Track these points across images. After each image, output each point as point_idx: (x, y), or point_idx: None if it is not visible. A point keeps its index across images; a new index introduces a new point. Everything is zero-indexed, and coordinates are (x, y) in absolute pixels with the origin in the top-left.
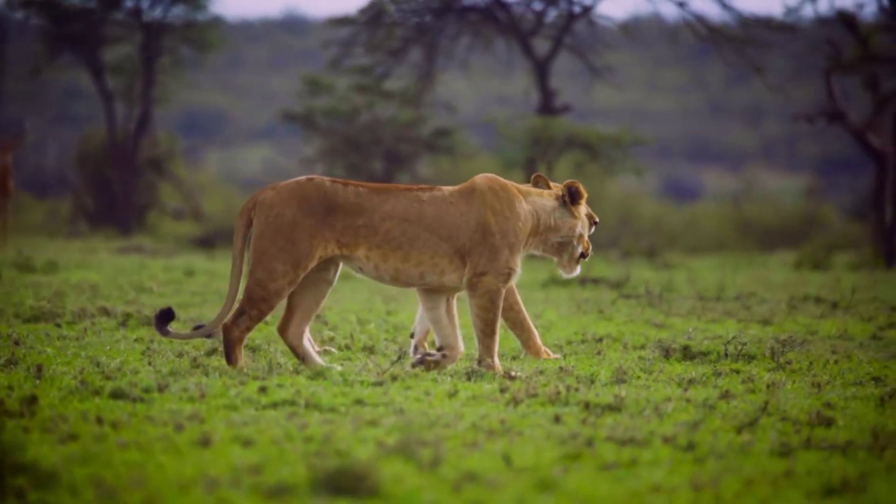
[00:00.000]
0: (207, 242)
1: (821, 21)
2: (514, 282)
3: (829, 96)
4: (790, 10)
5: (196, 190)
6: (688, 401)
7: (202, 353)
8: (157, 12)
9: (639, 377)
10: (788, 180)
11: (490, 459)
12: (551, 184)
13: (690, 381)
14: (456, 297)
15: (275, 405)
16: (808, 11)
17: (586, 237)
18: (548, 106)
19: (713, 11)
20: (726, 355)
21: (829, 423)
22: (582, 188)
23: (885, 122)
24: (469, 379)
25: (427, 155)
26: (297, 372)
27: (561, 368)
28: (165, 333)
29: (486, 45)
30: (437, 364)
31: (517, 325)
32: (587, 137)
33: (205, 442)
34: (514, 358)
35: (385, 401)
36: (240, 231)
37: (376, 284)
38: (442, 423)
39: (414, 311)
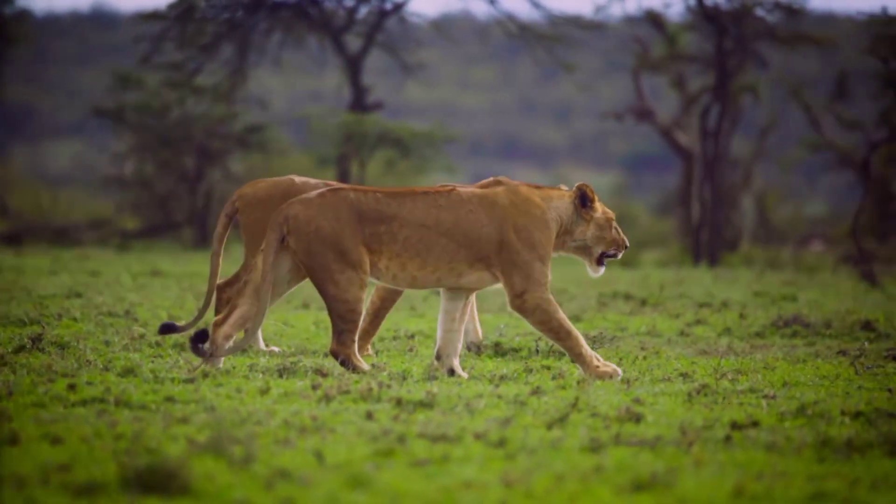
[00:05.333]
0: (14, 239)
1: (629, 20)
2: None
3: (638, 94)
4: (599, 9)
5: (2, 186)
6: (499, 397)
7: (10, 350)
8: None
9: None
10: (597, 177)
11: (302, 456)
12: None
13: (502, 378)
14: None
15: (84, 403)
16: (616, 10)
17: (608, 238)
18: (360, 103)
19: (523, 9)
20: (537, 352)
21: (637, 418)
22: (590, 191)
23: (691, 121)
24: (281, 376)
25: (239, 151)
26: (106, 369)
27: (373, 365)
28: (203, 354)
29: (298, 41)
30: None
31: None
32: (399, 134)
33: (13, 440)
34: (326, 355)
35: (196, 398)
36: (271, 246)
37: (187, 282)
38: (253, 420)
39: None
